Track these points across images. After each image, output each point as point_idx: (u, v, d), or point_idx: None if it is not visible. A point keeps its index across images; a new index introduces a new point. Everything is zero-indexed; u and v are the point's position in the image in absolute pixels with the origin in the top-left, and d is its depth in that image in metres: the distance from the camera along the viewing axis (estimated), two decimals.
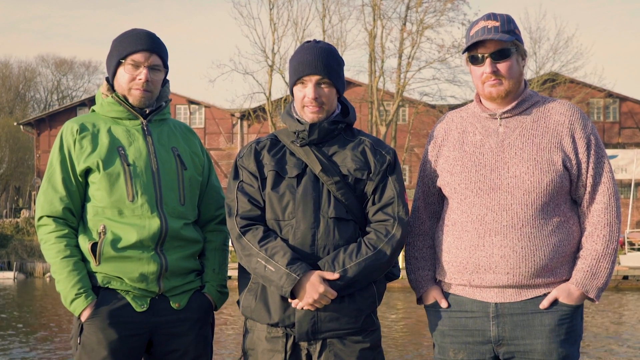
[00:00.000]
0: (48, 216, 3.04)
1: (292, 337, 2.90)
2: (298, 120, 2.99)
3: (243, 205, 2.96)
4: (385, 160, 2.99)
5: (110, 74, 3.15)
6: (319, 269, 2.84)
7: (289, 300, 2.85)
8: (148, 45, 3.09)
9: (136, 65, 3.07)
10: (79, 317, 2.99)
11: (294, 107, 3.04)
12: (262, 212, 2.96)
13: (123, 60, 3.08)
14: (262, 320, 2.92)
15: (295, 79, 2.96)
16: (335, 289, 2.82)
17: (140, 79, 3.07)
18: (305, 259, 2.84)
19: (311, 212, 2.88)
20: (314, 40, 3.02)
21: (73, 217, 3.06)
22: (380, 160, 2.98)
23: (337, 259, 2.83)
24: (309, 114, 2.96)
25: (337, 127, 2.99)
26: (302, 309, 2.85)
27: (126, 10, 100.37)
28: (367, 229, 2.94)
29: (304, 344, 2.90)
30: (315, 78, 2.93)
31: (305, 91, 2.94)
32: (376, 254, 2.86)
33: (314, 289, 2.79)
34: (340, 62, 3.01)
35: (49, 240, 3.02)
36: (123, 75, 3.09)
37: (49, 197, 3.05)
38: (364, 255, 2.85)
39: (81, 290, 2.96)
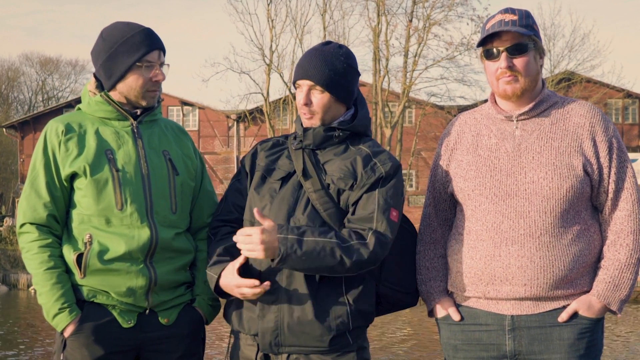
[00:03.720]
0: (31, 223, 3.01)
1: None
2: (302, 124, 2.99)
3: (225, 206, 3.06)
4: (376, 173, 2.87)
5: (117, 78, 3.03)
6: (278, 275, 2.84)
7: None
8: (158, 43, 3.06)
9: (151, 66, 3.04)
10: (62, 333, 2.97)
11: None
12: (241, 214, 3.01)
13: (140, 63, 3.02)
14: (238, 328, 2.96)
15: (293, 81, 2.98)
16: (276, 264, 2.75)
17: (156, 80, 3.04)
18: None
19: (283, 218, 2.86)
20: (323, 42, 3.00)
21: (57, 225, 3.03)
22: (370, 172, 2.87)
23: (300, 228, 2.77)
24: (303, 120, 2.97)
25: (333, 134, 2.94)
26: (265, 316, 2.84)
27: (118, 5, 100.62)
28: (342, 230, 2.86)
29: (273, 355, 2.90)
30: (307, 83, 2.91)
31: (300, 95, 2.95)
32: (339, 243, 2.74)
33: (231, 285, 2.83)
34: (346, 68, 2.93)
35: (31, 250, 2.99)
36: (138, 78, 3.02)
37: (31, 202, 3.01)
38: (328, 239, 2.75)
39: (65, 305, 2.94)
